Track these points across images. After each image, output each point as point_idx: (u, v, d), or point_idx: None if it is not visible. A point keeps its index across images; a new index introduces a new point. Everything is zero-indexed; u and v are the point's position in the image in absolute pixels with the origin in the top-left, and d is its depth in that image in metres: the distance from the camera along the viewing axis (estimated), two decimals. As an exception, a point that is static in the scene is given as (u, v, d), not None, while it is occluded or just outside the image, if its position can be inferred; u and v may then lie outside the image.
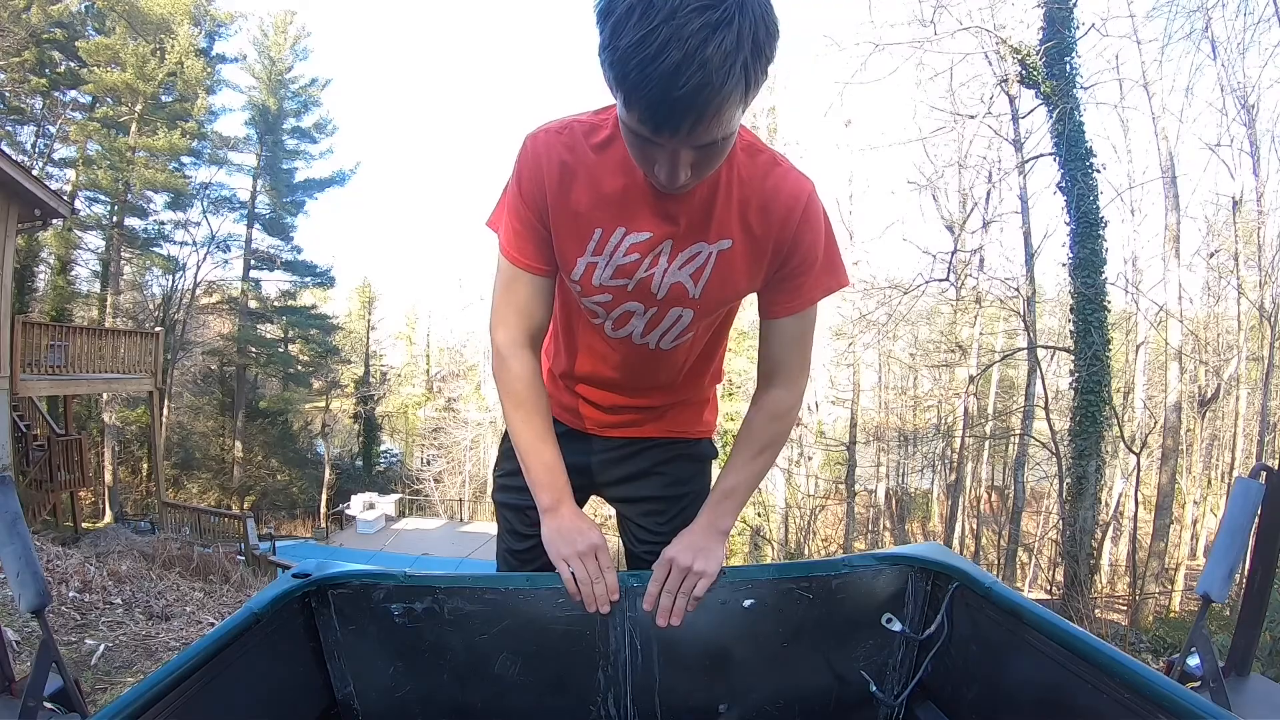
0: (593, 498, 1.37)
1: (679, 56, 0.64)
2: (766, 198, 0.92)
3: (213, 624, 3.85)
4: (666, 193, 0.88)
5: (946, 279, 12.44)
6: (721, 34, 0.64)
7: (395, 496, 22.66)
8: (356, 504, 20.50)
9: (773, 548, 14.89)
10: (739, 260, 0.95)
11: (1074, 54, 8.24)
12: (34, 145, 19.52)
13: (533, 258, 0.98)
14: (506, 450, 1.22)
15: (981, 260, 13.21)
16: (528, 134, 0.95)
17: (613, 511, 1.35)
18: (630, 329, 1.03)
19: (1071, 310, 8.29)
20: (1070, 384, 8.48)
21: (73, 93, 19.54)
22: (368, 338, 29.76)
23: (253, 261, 23.76)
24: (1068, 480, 8.38)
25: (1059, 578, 9.22)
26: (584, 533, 0.97)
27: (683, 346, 1.07)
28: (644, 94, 0.68)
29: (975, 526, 18.63)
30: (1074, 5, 8.08)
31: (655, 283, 0.97)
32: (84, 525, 11.95)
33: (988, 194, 13.18)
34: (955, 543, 16.86)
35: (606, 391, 1.17)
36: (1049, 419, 10.64)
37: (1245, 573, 0.84)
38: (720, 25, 0.64)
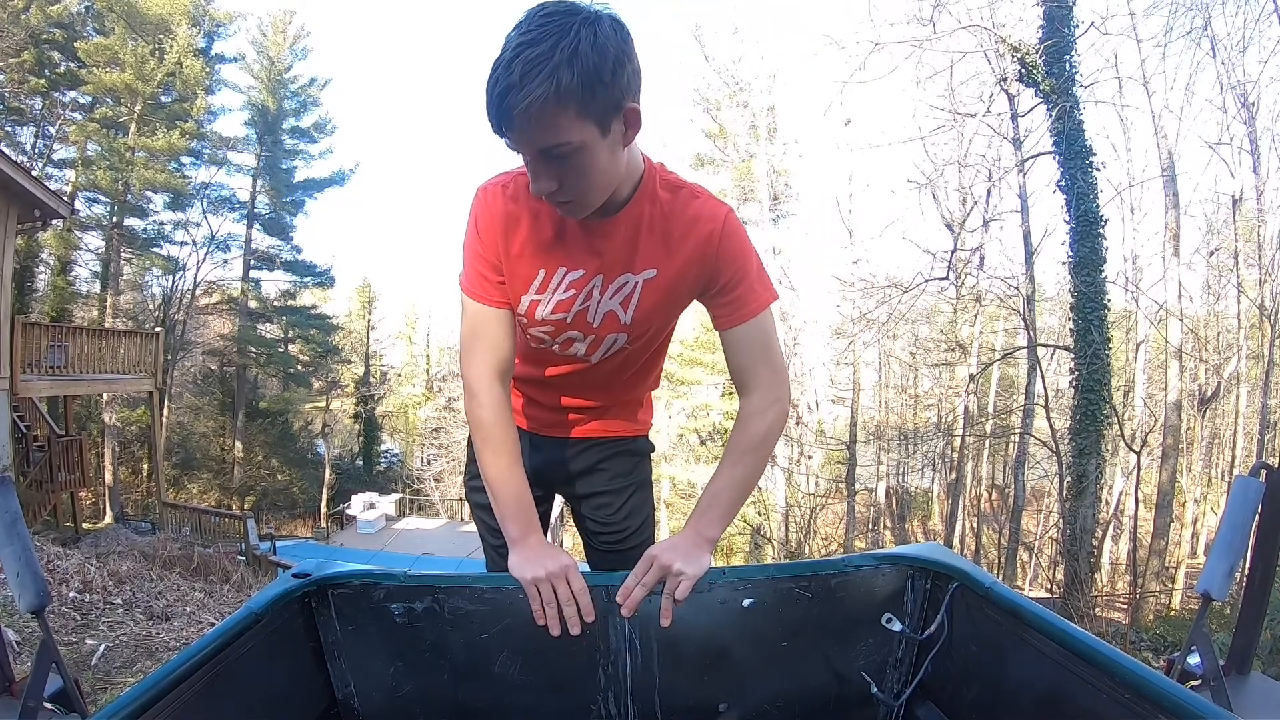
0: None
1: (500, 70, 0.81)
2: (688, 224, 1.02)
3: (213, 624, 3.85)
4: (592, 230, 1.01)
5: (946, 278, 12.44)
6: (533, 49, 0.79)
7: (395, 496, 22.67)
8: (357, 504, 20.50)
9: (773, 547, 14.89)
10: (664, 285, 1.05)
11: (1073, 52, 8.24)
12: (33, 146, 19.52)
13: (495, 294, 1.07)
14: (474, 455, 1.26)
15: (981, 259, 13.22)
16: (479, 187, 1.06)
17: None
18: (574, 350, 1.14)
19: (1071, 309, 8.29)
20: (1070, 382, 8.49)
21: (72, 93, 19.52)
22: (368, 338, 29.77)
23: (252, 261, 23.74)
24: (1068, 479, 8.39)
25: (1059, 576, 9.22)
26: (554, 557, 0.98)
27: (624, 362, 1.17)
28: (486, 103, 0.83)
29: (976, 525, 18.65)
30: (1073, 3, 8.08)
31: (591, 314, 1.08)
32: (84, 526, 11.95)
33: (987, 192, 13.18)
34: (956, 541, 16.86)
35: (551, 393, 1.26)
36: (1049, 417, 10.65)
37: (1246, 571, 0.84)
38: (533, 43, 0.79)
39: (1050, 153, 8.54)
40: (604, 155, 0.88)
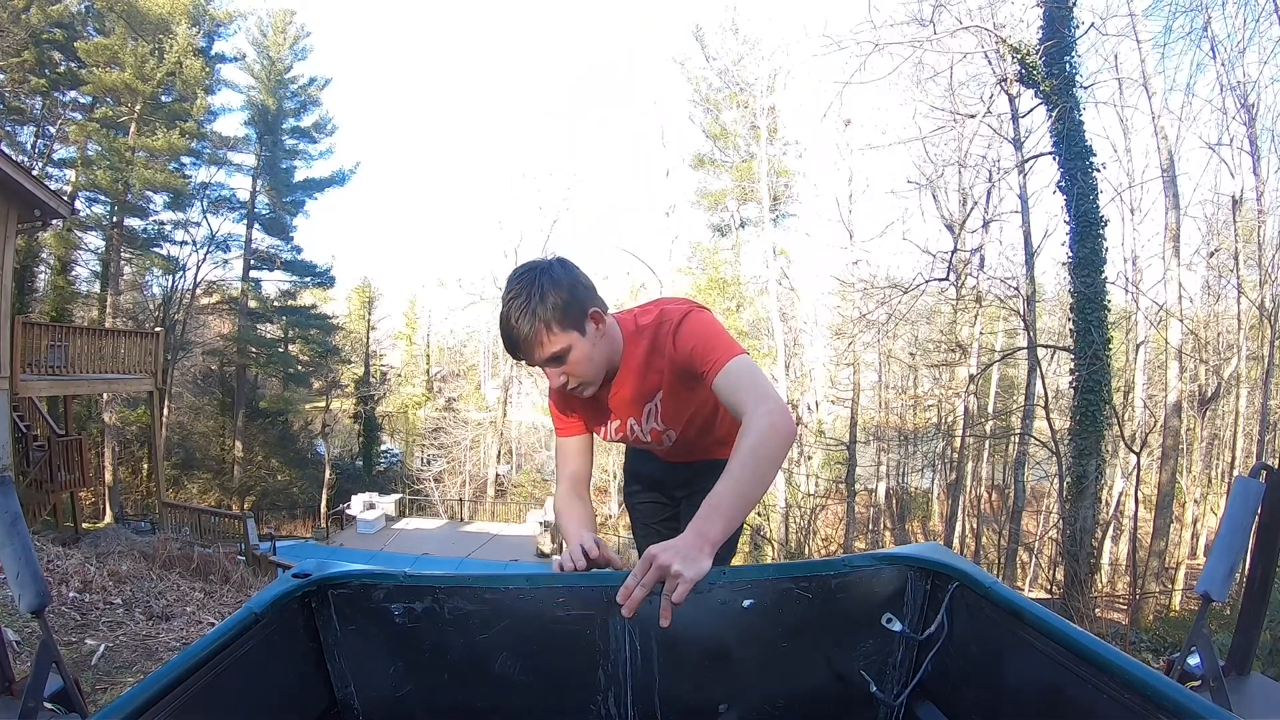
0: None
1: (502, 320, 1.23)
2: (653, 350, 1.37)
3: (213, 624, 3.84)
4: (612, 394, 1.43)
5: (946, 278, 12.44)
6: (516, 300, 1.21)
7: (395, 496, 22.62)
8: (356, 504, 20.47)
9: (773, 547, 14.90)
10: (670, 393, 1.41)
11: (1073, 53, 8.24)
12: (34, 145, 19.52)
13: (566, 429, 1.52)
14: (627, 472, 1.99)
15: (981, 259, 13.24)
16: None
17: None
18: (650, 447, 1.61)
19: (1071, 309, 8.29)
20: (1070, 383, 8.49)
21: (72, 93, 19.52)
22: (368, 338, 29.74)
23: (253, 261, 23.74)
24: (1068, 479, 8.39)
25: (1059, 577, 9.22)
26: (584, 538, 1.24)
27: (696, 430, 1.54)
28: (503, 342, 1.25)
29: (975, 526, 18.63)
30: (1073, 4, 8.07)
31: (643, 434, 1.50)
32: (84, 526, 11.95)
33: (988, 193, 13.20)
34: (955, 542, 16.86)
35: (660, 453, 1.71)
36: (1049, 418, 10.65)
37: (1245, 572, 0.84)
38: (515, 296, 1.21)
39: (1050, 153, 8.54)
40: (588, 348, 1.27)
